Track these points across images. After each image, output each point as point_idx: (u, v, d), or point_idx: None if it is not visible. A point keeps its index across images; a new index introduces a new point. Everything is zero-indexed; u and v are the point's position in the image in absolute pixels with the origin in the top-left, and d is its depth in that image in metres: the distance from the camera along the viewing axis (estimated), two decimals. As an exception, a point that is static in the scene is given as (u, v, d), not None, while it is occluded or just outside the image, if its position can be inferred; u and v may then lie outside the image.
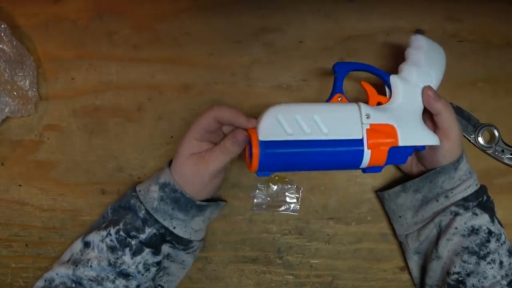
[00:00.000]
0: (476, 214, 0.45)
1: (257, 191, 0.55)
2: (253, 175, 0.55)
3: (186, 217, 0.46)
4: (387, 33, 0.55)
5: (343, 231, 0.55)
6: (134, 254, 0.44)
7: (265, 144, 0.40)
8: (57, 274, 0.44)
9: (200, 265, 0.55)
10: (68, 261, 0.46)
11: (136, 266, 0.44)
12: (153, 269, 0.45)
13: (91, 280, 0.43)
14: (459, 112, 0.54)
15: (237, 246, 0.55)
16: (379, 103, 0.45)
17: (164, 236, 0.45)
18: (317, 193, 0.55)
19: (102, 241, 0.45)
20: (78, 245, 0.46)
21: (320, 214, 0.55)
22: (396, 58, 0.55)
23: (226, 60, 0.56)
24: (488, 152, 0.54)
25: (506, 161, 0.54)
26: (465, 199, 0.46)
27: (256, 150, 0.40)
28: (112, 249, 0.44)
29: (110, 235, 0.45)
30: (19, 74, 0.54)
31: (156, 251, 0.45)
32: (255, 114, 0.55)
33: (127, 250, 0.44)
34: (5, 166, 0.56)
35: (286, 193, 0.55)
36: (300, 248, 0.55)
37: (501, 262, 0.44)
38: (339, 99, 0.44)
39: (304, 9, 0.56)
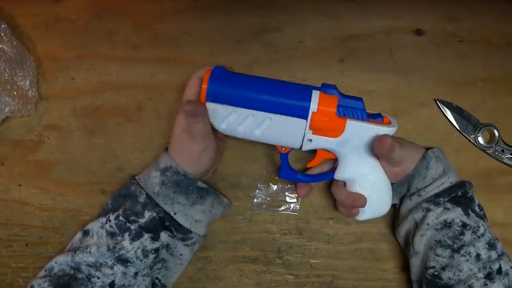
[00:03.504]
0: (448, 209, 0.45)
1: (257, 191, 0.55)
2: (253, 175, 0.55)
3: (187, 202, 0.47)
4: (387, 33, 0.55)
5: (343, 231, 0.55)
6: (133, 239, 0.44)
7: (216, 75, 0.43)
8: (56, 262, 0.45)
9: (200, 265, 0.55)
10: (68, 250, 0.46)
11: (135, 252, 0.45)
12: (151, 256, 0.46)
13: (90, 266, 0.44)
14: (459, 112, 0.54)
15: (237, 246, 0.55)
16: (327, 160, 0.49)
17: (164, 221, 0.46)
18: (317, 193, 0.55)
19: (101, 227, 0.45)
20: (78, 235, 0.47)
21: (320, 214, 0.55)
22: (396, 58, 0.55)
23: (226, 60, 0.56)
24: (488, 152, 0.54)
25: (506, 161, 0.54)
26: (437, 195, 0.46)
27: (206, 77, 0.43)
28: (111, 234, 0.45)
29: (110, 221, 0.45)
30: (19, 74, 0.54)
31: (155, 237, 0.45)
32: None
33: (126, 235, 0.44)
34: (5, 166, 0.56)
35: (286, 193, 0.55)
36: (300, 248, 0.55)
37: (478, 255, 0.44)
38: None
39: (304, 9, 0.56)
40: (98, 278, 0.44)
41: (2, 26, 0.53)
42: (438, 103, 0.54)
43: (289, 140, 0.45)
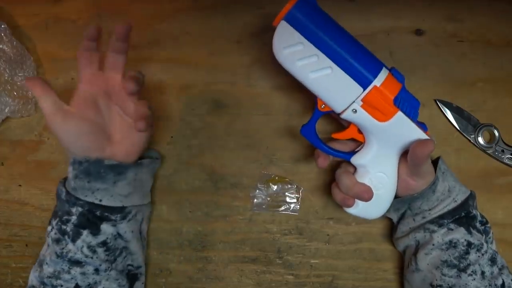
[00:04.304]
0: (452, 229, 0.45)
1: (257, 191, 0.55)
2: (253, 175, 0.55)
3: (107, 185, 0.46)
4: (387, 33, 0.55)
5: (343, 231, 0.55)
6: (73, 240, 0.45)
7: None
8: (31, 280, 0.46)
9: (200, 265, 0.55)
10: (36, 264, 0.47)
11: (81, 251, 0.45)
12: (101, 250, 0.45)
13: (50, 277, 0.44)
14: (459, 112, 0.54)
15: (237, 246, 0.55)
16: (353, 139, 0.47)
17: (93, 212, 0.45)
18: (317, 193, 0.55)
19: (48, 235, 0.46)
20: (45, 246, 0.48)
21: (320, 214, 0.55)
22: (396, 58, 0.55)
23: (226, 60, 0.56)
24: (488, 152, 0.54)
25: (506, 161, 0.54)
26: (441, 216, 0.46)
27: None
28: (57, 241, 0.45)
29: (53, 228, 0.46)
30: (19, 74, 0.54)
31: (94, 231, 0.45)
32: (255, 114, 0.55)
33: (66, 237, 0.45)
34: (5, 166, 0.56)
35: (286, 193, 0.55)
36: (300, 248, 0.55)
37: (483, 273, 0.44)
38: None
39: (304, 9, 0.56)
40: (61, 286, 0.44)
41: (2, 26, 0.53)
42: (438, 103, 0.54)
43: (336, 100, 0.43)
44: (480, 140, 0.54)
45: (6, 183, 0.56)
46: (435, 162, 0.48)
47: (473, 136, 0.54)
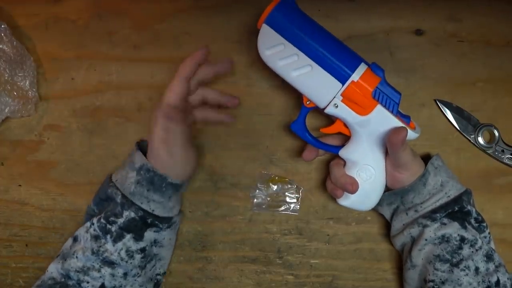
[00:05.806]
0: (445, 224, 0.45)
1: (257, 191, 0.55)
2: (253, 175, 0.55)
3: (163, 199, 0.47)
4: (387, 33, 0.55)
5: (343, 231, 0.55)
6: (115, 240, 0.45)
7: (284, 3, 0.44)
8: (51, 272, 0.46)
9: (200, 265, 0.55)
10: (58, 257, 0.47)
11: (119, 253, 0.45)
12: (138, 256, 0.46)
13: (78, 271, 0.44)
14: (459, 112, 0.54)
15: (237, 246, 0.55)
16: (340, 133, 0.48)
17: (145, 219, 0.46)
18: (317, 193, 0.55)
19: (86, 231, 0.46)
20: (69, 242, 0.47)
21: (320, 214, 0.55)
22: (396, 58, 0.55)
23: (226, 60, 0.56)
24: (488, 152, 0.54)
25: (506, 161, 0.54)
26: (433, 211, 0.46)
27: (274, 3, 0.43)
28: (95, 238, 0.45)
29: (93, 224, 0.46)
30: (19, 74, 0.54)
31: (138, 237, 0.46)
32: (255, 114, 0.55)
33: (108, 237, 0.45)
34: (5, 166, 0.56)
35: (286, 193, 0.55)
36: (300, 248, 0.55)
37: (476, 268, 0.44)
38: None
39: (303, 9, 0.56)
40: (88, 282, 0.44)
41: (2, 26, 0.53)
42: (438, 103, 0.54)
43: (318, 96, 0.45)
44: (480, 140, 0.54)
45: (6, 183, 0.56)
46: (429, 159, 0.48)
47: (473, 136, 0.54)
